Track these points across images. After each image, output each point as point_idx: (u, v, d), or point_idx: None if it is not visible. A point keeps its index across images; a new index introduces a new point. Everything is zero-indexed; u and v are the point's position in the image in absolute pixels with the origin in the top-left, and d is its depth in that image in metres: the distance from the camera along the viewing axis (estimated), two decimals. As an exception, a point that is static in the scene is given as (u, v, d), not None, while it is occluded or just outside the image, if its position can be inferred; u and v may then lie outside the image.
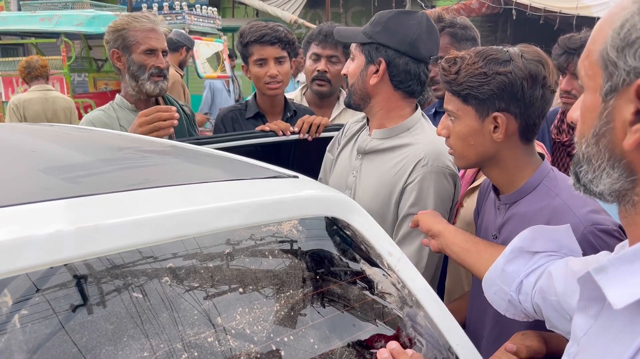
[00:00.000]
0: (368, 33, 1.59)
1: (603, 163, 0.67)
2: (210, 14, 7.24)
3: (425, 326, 1.04)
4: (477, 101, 1.26)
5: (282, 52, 2.20)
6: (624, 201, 0.68)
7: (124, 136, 1.58)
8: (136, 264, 0.77)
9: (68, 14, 6.34)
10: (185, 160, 1.25)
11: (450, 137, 1.34)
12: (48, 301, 0.67)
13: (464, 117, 1.29)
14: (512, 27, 10.34)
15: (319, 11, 11.07)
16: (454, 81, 1.27)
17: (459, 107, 1.29)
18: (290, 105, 2.34)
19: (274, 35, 2.17)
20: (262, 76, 2.18)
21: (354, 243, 1.07)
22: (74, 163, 1.06)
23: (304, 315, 0.93)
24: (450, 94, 1.30)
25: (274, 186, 1.09)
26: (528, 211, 1.28)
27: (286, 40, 2.20)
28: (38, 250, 0.67)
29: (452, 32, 2.13)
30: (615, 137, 0.65)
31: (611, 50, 0.63)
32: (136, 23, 2.05)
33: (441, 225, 1.36)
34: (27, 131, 1.57)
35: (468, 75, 1.25)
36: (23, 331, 0.63)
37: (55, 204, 0.78)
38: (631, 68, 0.61)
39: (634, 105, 0.61)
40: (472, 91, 1.25)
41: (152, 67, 2.02)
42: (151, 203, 0.86)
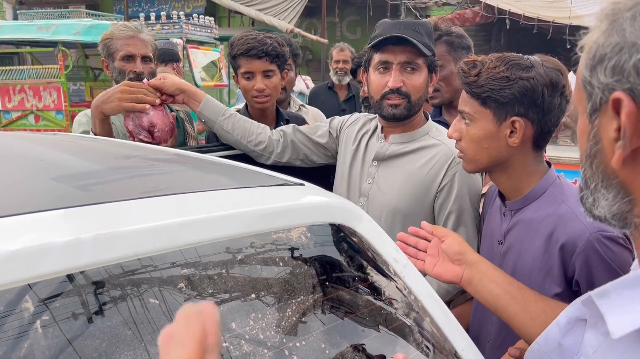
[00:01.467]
0: None
1: (598, 184, 0.66)
2: (207, 24, 7.27)
3: (431, 332, 1.05)
4: (496, 104, 1.26)
5: (270, 65, 2.12)
6: (628, 226, 0.66)
7: (129, 145, 1.60)
8: (150, 271, 0.78)
9: (65, 23, 6.35)
10: (193, 168, 1.26)
11: (463, 140, 1.34)
12: (67, 308, 0.68)
13: (480, 120, 1.30)
14: (506, 37, 10.44)
15: (314, 20, 11.14)
16: (475, 83, 1.28)
17: (476, 109, 1.30)
18: (282, 114, 2.33)
19: (262, 49, 2.09)
20: (250, 89, 2.13)
21: (361, 250, 1.09)
22: (83, 172, 1.07)
23: (313, 322, 0.94)
24: (469, 96, 1.31)
25: (282, 194, 1.10)
26: (534, 218, 1.29)
27: (274, 53, 2.12)
28: (57, 257, 0.68)
29: (448, 41, 2.17)
30: (605, 156, 0.64)
31: (585, 72, 0.64)
32: (117, 32, 2.20)
33: (475, 255, 1.21)
34: (32, 140, 1.58)
35: (490, 78, 1.26)
36: (45, 336, 0.64)
37: (71, 211, 0.79)
38: (604, 85, 0.61)
39: (615, 121, 0.60)
40: (493, 94, 1.26)
41: (130, 72, 2.11)
42: (163, 210, 0.87)
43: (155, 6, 10.94)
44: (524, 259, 1.31)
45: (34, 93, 6.23)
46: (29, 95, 6.25)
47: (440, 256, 1.23)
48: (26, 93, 6.25)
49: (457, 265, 1.19)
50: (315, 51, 11.19)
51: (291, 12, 9.81)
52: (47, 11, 7.12)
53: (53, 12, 7.12)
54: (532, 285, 1.24)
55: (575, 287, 1.25)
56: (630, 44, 0.58)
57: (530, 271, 1.29)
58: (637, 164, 0.60)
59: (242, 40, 2.13)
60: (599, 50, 0.62)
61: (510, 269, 1.34)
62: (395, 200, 1.66)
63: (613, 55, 0.60)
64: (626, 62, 0.58)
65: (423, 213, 1.65)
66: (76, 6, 10.61)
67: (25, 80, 6.25)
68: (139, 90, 1.87)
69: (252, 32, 2.20)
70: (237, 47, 2.13)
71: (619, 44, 0.59)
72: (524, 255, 1.31)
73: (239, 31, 8.05)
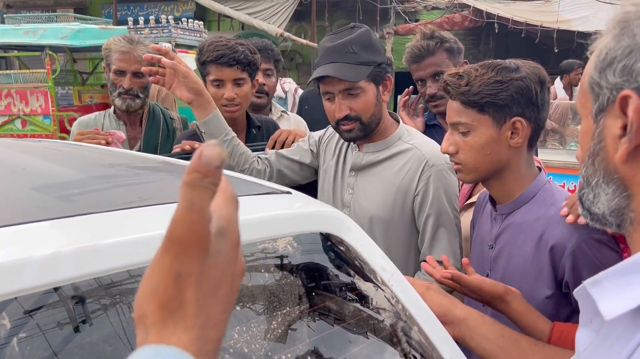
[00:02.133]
0: None
1: (599, 180, 0.70)
2: (196, 28, 7.25)
3: (419, 341, 1.05)
4: (494, 109, 1.26)
5: (241, 73, 2.04)
6: (624, 222, 0.69)
7: (114, 152, 1.58)
8: (134, 284, 0.77)
9: (53, 27, 6.30)
10: (178, 176, 1.25)
11: (460, 152, 1.33)
12: (46, 323, 0.67)
13: (479, 127, 1.29)
14: (494, 40, 10.51)
15: (304, 24, 11.15)
16: (469, 92, 1.27)
17: (474, 117, 1.29)
18: (253, 120, 2.25)
19: (233, 57, 2.00)
20: (219, 98, 2.02)
21: (348, 258, 1.08)
22: (66, 181, 1.06)
23: (300, 332, 0.93)
24: (465, 106, 1.29)
25: (268, 203, 1.09)
26: (524, 221, 1.30)
27: (246, 61, 2.04)
28: (37, 271, 0.66)
29: (448, 47, 2.18)
30: (608, 153, 0.68)
31: (594, 74, 0.68)
32: (114, 45, 2.30)
33: (461, 310, 1.16)
34: (15, 147, 1.56)
35: (483, 84, 1.26)
36: (22, 353, 0.63)
37: (52, 224, 0.78)
38: (612, 85, 0.65)
39: (621, 120, 0.65)
40: (490, 98, 1.25)
41: (121, 86, 2.27)
42: (147, 221, 0.86)
43: (145, 10, 10.90)
44: (515, 262, 1.32)
45: (20, 98, 6.17)
46: (16, 100, 6.18)
47: None
48: (13, 97, 6.18)
49: (445, 325, 1.14)
50: (305, 55, 11.20)
51: (281, 16, 9.82)
52: (34, 15, 7.06)
53: (40, 16, 7.06)
54: (524, 287, 1.25)
55: (565, 289, 1.25)
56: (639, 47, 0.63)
57: (522, 274, 1.30)
58: (637, 162, 0.65)
59: (212, 47, 2.04)
60: (610, 54, 0.66)
61: (501, 272, 1.34)
62: (375, 208, 1.67)
63: (623, 58, 0.64)
64: (635, 64, 0.63)
65: (403, 219, 1.66)
66: (64, 10, 10.55)
67: (12, 84, 6.18)
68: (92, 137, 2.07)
69: (222, 38, 2.11)
70: (206, 54, 2.04)
71: (629, 46, 0.63)
72: (515, 258, 1.32)
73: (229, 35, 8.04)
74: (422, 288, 1.18)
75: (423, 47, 2.16)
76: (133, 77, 2.28)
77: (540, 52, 10.29)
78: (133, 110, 2.33)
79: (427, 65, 2.19)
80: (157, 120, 2.45)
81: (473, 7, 9.34)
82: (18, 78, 6.25)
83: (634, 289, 0.63)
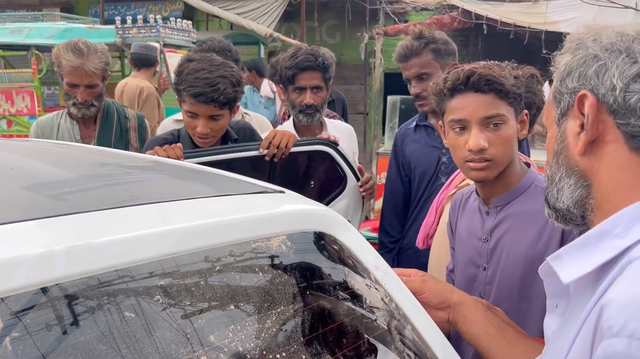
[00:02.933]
0: None
1: (562, 175, 0.80)
2: (184, 27, 7.20)
3: (412, 339, 1.05)
4: (517, 101, 1.34)
5: (219, 110, 1.88)
6: (587, 211, 0.78)
7: (104, 152, 1.56)
8: (127, 282, 0.76)
9: (39, 26, 6.24)
10: (170, 175, 1.24)
11: (492, 146, 1.31)
12: (39, 322, 0.66)
13: (510, 119, 1.33)
14: (483, 41, 10.57)
15: (293, 25, 11.14)
16: (506, 84, 1.30)
17: (507, 109, 1.32)
18: (229, 134, 2.08)
19: (211, 96, 1.81)
20: (192, 127, 1.91)
21: (341, 257, 1.08)
22: (57, 180, 1.04)
23: (294, 331, 0.93)
24: (500, 97, 1.30)
25: (261, 202, 1.09)
26: (523, 211, 1.35)
27: (225, 100, 1.85)
28: (29, 270, 0.65)
29: (435, 49, 2.17)
30: (569, 150, 0.79)
31: (557, 83, 0.80)
32: (64, 58, 2.26)
33: (457, 295, 1.19)
34: (2, 146, 1.54)
35: (511, 77, 1.32)
36: (15, 353, 0.62)
37: (43, 222, 0.77)
38: (571, 90, 0.77)
39: (579, 119, 0.76)
40: (518, 91, 1.33)
41: (75, 98, 2.30)
42: (140, 220, 0.85)
43: (132, 9, 10.81)
44: (516, 250, 1.35)
45: (6, 98, 6.09)
46: (1, 100, 6.10)
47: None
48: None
49: (442, 310, 1.17)
50: (294, 55, 11.14)
51: (270, 16, 9.79)
52: (20, 14, 6.98)
53: (26, 15, 6.98)
54: (524, 274, 1.31)
55: None
56: (592, 56, 0.75)
57: (523, 261, 1.33)
58: (593, 154, 0.75)
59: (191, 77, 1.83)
60: (568, 65, 0.78)
61: (502, 262, 1.37)
62: None
63: (579, 66, 0.76)
64: (588, 69, 0.75)
65: None
66: (50, 9, 10.42)
67: (-3, 84, 6.11)
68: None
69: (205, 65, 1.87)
70: (184, 83, 1.84)
71: (583, 57, 0.76)
72: (516, 246, 1.35)
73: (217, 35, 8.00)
74: (418, 282, 1.18)
75: (408, 47, 2.17)
76: (86, 89, 2.29)
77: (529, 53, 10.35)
78: (88, 117, 2.39)
79: (411, 66, 2.20)
80: (110, 120, 2.46)
81: (462, 9, 9.39)
82: (3, 78, 6.18)
83: (590, 258, 0.70)
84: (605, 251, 0.69)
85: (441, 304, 1.17)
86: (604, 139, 0.74)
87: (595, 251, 0.70)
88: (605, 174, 0.74)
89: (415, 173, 2.24)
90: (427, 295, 1.17)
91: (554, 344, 0.78)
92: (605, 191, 0.74)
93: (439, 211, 1.81)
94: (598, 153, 0.75)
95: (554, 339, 0.80)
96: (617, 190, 0.73)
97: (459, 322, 1.16)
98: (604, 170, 0.74)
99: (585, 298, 0.71)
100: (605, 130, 0.73)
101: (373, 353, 1.00)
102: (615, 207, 0.71)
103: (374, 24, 10.07)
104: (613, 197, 0.73)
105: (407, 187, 2.29)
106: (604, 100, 0.73)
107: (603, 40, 0.75)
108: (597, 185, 0.76)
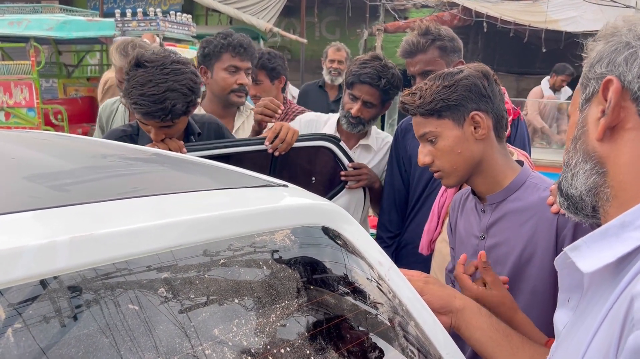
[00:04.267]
0: None
1: (578, 159, 0.79)
2: (184, 21, 7.18)
3: (416, 336, 1.04)
4: (451, 110, 1.36)
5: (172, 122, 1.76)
6: (601, 201, 0.76)
7: (106, 144, 1.55)
8: (131, 274, 0.75)
9: (38, 18, 6.20)
10: (172, 168, 1.23)
11: (435, 160, 1.40)
12: (41, 314, 0.64)
13: (443, 131, 1.37)
14: (483, 39, 10.56)
15: (293, 20, 11.11)
16: (423, 104, 1.37)
17: (435, 124, 1.37)
18: (192, 127, 1.97)
19: (158, 115, 1.69)
20: (147, 131, 1.80)
21: (345, 252, 1.07)
22: (58, 171, 1.03)
23: (297, 326, 0.92)
24: (424, 117, 1.39)
25: (265, 196, 1.08)
26: (520, 206, 1.36)
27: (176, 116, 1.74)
28: (31, 261, 0.64)
29: (441, 45, 2.14)
30: (588, 136, 0.78)
31: (586, 69, 0.79)
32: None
33: (460, 300, 1.17)
34: (1, 137, 1.52)
35: (433, 93, 1.36)
36: (17, 345, 0.61)
37: (45, 213, 0.76)
38: (598, 75, 0.76)
39: (602, 105, 0.74)
40: (444, 102, 1.35)
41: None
42: (143, 212, 0.84)
43: (132, 3, 10.76)
44: (514, 245, 1.36)
45: (4, 90, 6.07)
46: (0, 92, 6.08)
47: None
48: (-4, 89, 6.07)
49: (444, 314, 1.15)
50: (294, 51, 11.15)
51: (270, 11, 9.76)
52: (18, 5, 6.93)
53: (25, 7, 6.93)
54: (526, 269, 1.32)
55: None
56: (624, 44, 0.74)
57: (521, 257, 1.34)
58: (613, 141, 0.74)
59: (136, 92, 1.65)
60: (599, 53, 0.77)
61: (500, 259, 1.38)
62: None
63: (610, 54, 0.75)
64: (618, 56, 0.74)
65: None
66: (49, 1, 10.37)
67: (-5, 75, 6.08)
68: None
69: (151, 76, 1.68)
70: (130, 97, 1.68)
71: (615, 44, 0.75)
72: (514, 241, 1.36)
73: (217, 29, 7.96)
74: (421, 283, 1.18)
75: (414, 43, 2.14)
76: None
77: (528, 52, 10.37)
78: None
79: (416, 62, 2.17)
80: None
81: (462, 6, 9.38)
82: (2, 69, 6.15)
83: (611, 249, 0.69)
84: (627, 242, 0.67)
85: (443, 309, 1.15)
86: (625, 126, 0.72)
87: (616, 242, 0.69)
88: (623, 162, 0.72)
89: (415, 169, 2.23)
90: (429, 297, 1.15)
91: (568, 338, 0.77)
92: (623, 180, 0.73)
93: (442, 216, 1.81)
94: (617, 140, 0.73)
95: (567, 333, 0.79)
96: (636, 179, 0.71)
97: (462, 328, 1.14)
98: (622, 157, 0.73)
99: (605, 289, 0.70)
100: (626, 117, 0.72)
101: (376, 349, 0.99)
102: (633, 197, 0.70)
103: (374, 21, 10.05)
104: (631, 187, 0.72)
105: (406, 182, 2.28)
106: (629, 87, 0.71)
107: (638, 29, 0.74)
108: (614, 173, 0.74)
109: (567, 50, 9.10)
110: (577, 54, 0.88)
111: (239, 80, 2.38)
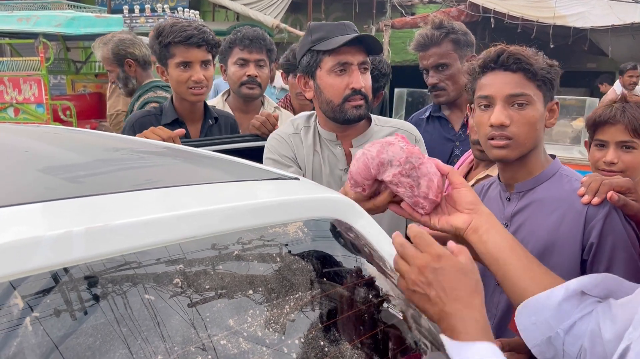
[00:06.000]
0: None
1: None
2: (191, 17, 7.19)
3: (428, 329, 1.04)
4: (547, 87, 1.34)
5: (207, 55, 2.08)
6: None
7: (116, 137, 1.56)
8: (144, 266, 0.75)
9: (47, 14, 6.22)
10: (184, 161, 1.23)
11: (514, 125, 1.31)
12: (57, 304, 0.65)
13: (536, 102, 1.33)
14: (490, 35, 10.49)
15: (300, 16, 11.09)
16: (536, 65, 1.31)
17: (534, 91, 1.33)
18: (211, 111, 2.23)
19: (201, 37, 2.03)
20: (185, 80, 2.05)
21: (357, 245, 1.07)
22: (72, 164, 1.04)
23: (310, 318, 0.92)
24: (528, 78, 1.32)
25: (277, 188, 1.08)
26: (547, 196, 1.36)
27: (213, 42, 2.09)
28: (48, 251, 0.65)
29: (455, 39, 2.14)
30: None
31: None
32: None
33: (488, 210, 1.13)
34: (14, 131, 1.53)
35: (544, 61, 1.33)
36: (35, 334, 0.61)
37: (61, 204, 0.76)
38: None
39: None
40: (550, 76, 1.33)
41: None
42: (158, 203, 0.84)
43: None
44: (538, 234, 1.35)
45: (13, 86, 6.10)
46: (9, 88, 6.11)
47: (446, 211, 1.14)
48: (5, 85, 6.10)
49: (467, 213, 1.10)
50: (300, 47, 11.08)
51: (277, 7, 9.75)
52: (27, 2, 6.94)
53: (33, 3, 6.95)
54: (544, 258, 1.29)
55: (585, 256, 1.30)
56: None
57: (545, 246, 1.33)
58: None
59: (176, 27, 2.02)
60: None
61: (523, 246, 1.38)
62: None
63: None
64: None
65: None
66: (57, -2, 10.40)
67: (4, 72, 6.10)
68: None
69: (183, 22, 2.09)
70: (170, 35, 2.02)
71: None
72: (539, 231, 1.35)
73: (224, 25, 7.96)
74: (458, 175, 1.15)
75: (428, 36, 2.14)
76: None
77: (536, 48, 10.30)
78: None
79: (430, 55, 2.17)
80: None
81: (469, 2, 9.33)
82: (11, 65, 6.17)
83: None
84: None
85: (471, 205, 1.10)
86: None
87: None
88: None
89: None
90: (464, 190, 1.10)
91: None
92: None
93: None
94: None
95: None
96: None
97: (483, 229, 1.08)
98: None
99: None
100: None
101: (389, 341, 0.99)
102: None
103: (381, 17, 10.01)
104: None
105: None
106: None
107: None
108: None
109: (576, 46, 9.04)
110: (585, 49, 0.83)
111: (248, 72, 2.41)
